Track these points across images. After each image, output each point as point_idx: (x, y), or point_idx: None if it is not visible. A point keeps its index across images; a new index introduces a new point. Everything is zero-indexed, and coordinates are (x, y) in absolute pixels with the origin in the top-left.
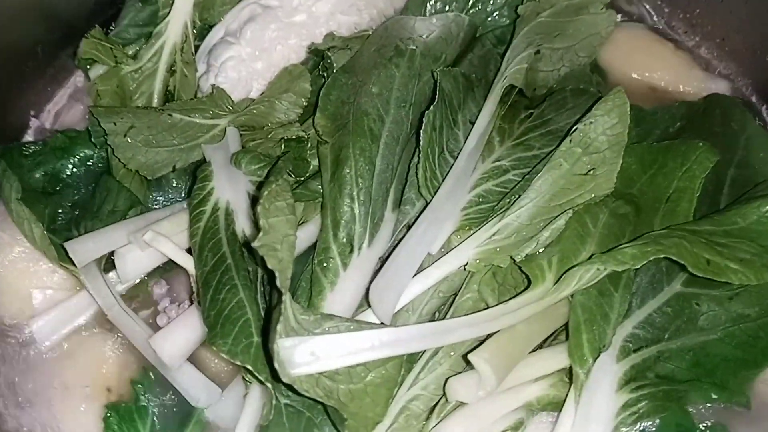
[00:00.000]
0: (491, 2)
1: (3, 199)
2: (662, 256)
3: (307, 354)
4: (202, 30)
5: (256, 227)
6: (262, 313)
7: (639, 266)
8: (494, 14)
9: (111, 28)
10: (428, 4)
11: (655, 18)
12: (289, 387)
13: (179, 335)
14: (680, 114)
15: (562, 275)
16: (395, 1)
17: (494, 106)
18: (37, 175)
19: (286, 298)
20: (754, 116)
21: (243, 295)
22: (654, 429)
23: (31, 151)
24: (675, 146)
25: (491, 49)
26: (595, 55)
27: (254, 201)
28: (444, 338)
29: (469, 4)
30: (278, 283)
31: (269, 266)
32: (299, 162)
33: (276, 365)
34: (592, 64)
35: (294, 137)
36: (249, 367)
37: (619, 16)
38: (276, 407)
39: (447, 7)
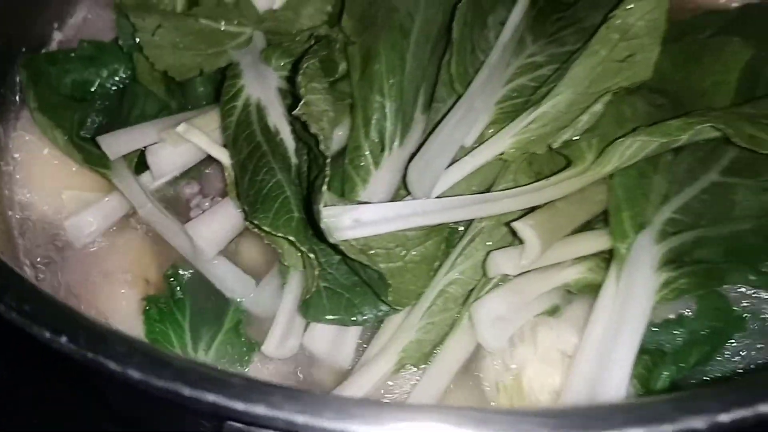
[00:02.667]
0: None
1: (28, 108)
2: (708, 125)
3: (351, 220)
4: None
5: (294, 102)
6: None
7: (683, 140)
8: None
9: None
10: None
11: None
12: (337, 251)
13: (215, 221)
14: (712, 22)
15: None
16: None
17: (524, 7)
18: (66, 83)
19: (329, 164)
20: None
21: (281, 176)
22: (692, 315)
23: (58, 59)
24: (708, 44)
25: None
26: None
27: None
28: (486, 208)
29: None
30: (321, 147)
31: (312, 130)
32: (328, 63)
33: (322, 228)
34: None
35: (323, 35)
36: (292, 238)
37: None
38: (315, 290)
39: None
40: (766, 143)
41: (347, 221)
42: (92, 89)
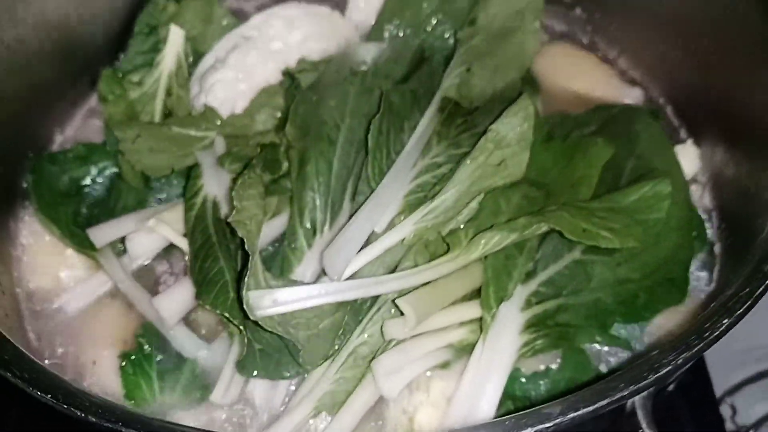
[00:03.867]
0: (439, 28)
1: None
2: (544, 224)
3: (270, 301)
4: (197, 58)
5: (233, 208)
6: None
7: (528, 232)
8: (442, 37)
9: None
10: (386, 32)
11: (581, 35)
12: (257, 325)
13: (175, 297)
14: (596, 118)
15: (473, 236)
16: (360, 29)
17: (433, 114)
18: (65, 179)
19: (254, 259)
20: (662, 116)
21: (223, 264)
22: (557, 367)
23: (58, 159)
24: (581, 143)
25: (437, 67)
26: (524, 72)
27: None
28: (377, 288)
29: (421, 30)
30: (246, 248)
31: (239, 234)
32: (273, 163)
33: (246, 308)
34: (527, 75)
35: (269, 143)
36: (226, 315)
37: (547, 36)
38: (250, 351)
39: (402, 34)
40: (595, 236)
41: (267, 301)
42: (85, 184)
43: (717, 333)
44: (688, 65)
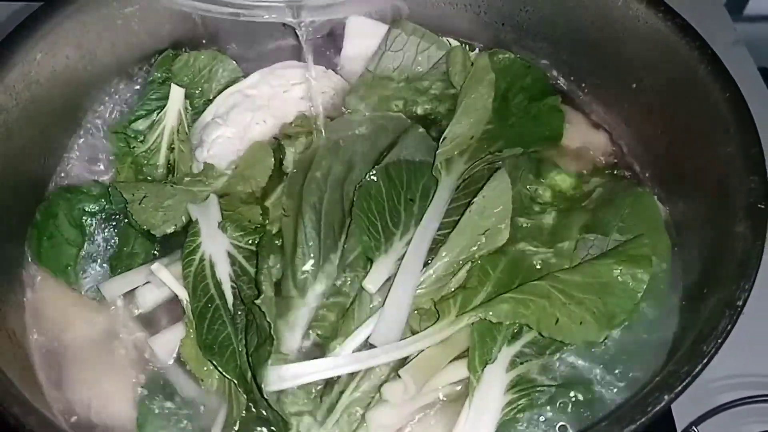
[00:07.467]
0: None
1: None
2: (524, 321)
3: (276, 376)
4: (199, 109)
5: (258, 290)
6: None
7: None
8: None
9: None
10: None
11: (574, 97)
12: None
13: (170, 337)
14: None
15: (461, 313)
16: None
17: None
18: (76, 212)
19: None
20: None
21: (230, 329)
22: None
23: (73, 190)
24: (572, 214)
25: (424, 133)
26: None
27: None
28: (372, 361)
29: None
30: (271, 332)
31: (268, 319)
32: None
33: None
34: None
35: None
36: (235, 381)
37: None
38: (249, 416)
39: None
40: (565, 333)
41: (273, 377)
42: (93, 222)
43: (657, 408)
44: (660, 137)
